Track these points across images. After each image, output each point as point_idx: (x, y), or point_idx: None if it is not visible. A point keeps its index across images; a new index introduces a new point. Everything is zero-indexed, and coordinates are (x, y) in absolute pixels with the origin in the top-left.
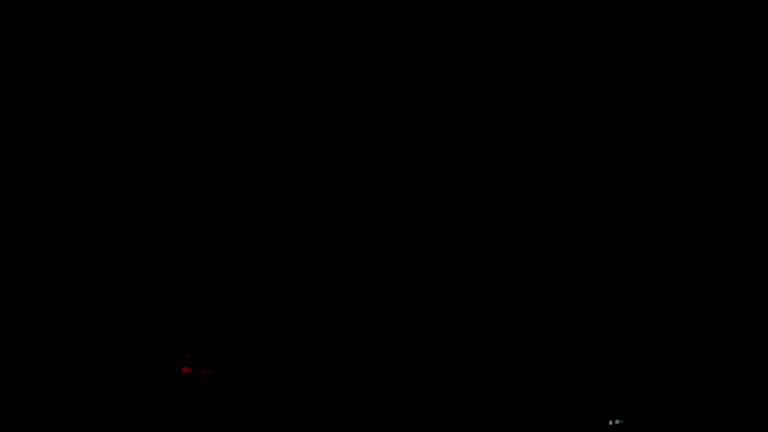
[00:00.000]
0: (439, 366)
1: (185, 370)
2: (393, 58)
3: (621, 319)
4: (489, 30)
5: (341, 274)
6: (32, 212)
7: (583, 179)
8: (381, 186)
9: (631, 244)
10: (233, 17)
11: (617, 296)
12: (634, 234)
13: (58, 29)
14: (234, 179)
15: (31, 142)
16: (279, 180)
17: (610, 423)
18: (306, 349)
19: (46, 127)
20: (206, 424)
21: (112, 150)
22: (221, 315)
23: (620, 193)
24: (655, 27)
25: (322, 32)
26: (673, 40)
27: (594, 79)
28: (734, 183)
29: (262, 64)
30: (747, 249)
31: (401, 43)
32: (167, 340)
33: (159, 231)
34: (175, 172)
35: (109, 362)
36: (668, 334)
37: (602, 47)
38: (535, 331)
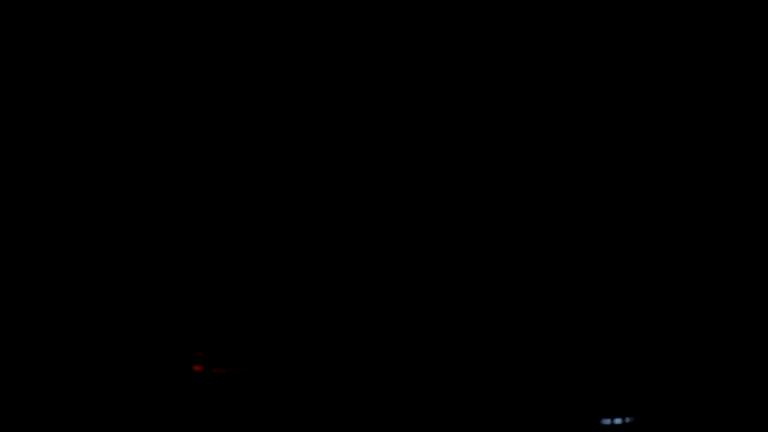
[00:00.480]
0: (449, 364)
1: (196, 368)
2: (393, 58)
3: (632, 318)
4: (489, 30)
5: (350, 274)
6: (44, 210)
7: (595, 179)
8: (389, 187)
9: (642, 244)
10: (233, 17)
11: (628, 295)
12: (645, 234)
13: (58, 29)
14: (247, 180)
15: (33, 143)
16: (291, 183)
17: (621, 420)
18: (316, 348)
19: (46, 127)
20: (217, 421)
21: (122, 150)
22: (233, 314)
23: (633, 195)
24: (655, 27)
25: (322, 32)
26: (673, 40)
27: (598, 76)
28: (748, 184)
29: (262, 65)
30: (759, 248)
31: (401, 44)
32: (179, 339)
33: (172, 230)
34: (187, 172)
35: (121, 360)
36: (679, 333)
37: (602, 47)
38: (546, 329)
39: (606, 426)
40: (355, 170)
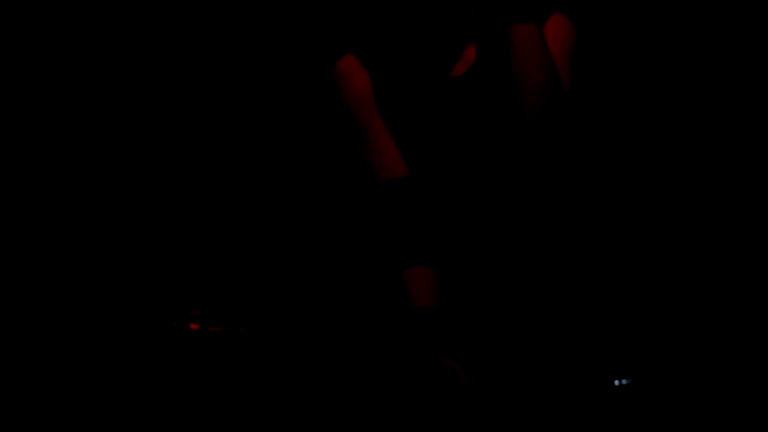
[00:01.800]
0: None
1: (193, 326)
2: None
3: (629, 280)
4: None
5: (349, 234)
6: (40, 167)
7: (588, 140)
8: None
9: (640, 204)
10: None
11: (625, 256)
12: (643, 194)
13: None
14: (243, 139)
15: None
16: (286, 142)
17: (617, 383)
18: (315, 308)
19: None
20: (214, 380)
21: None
22: (230, 272)
23: (628, 156)
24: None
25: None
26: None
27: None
28: (740, 149)
29: (262, 64)
30: (757, 212)
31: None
32: (175, 297)
33: (167, 188)
34: (183, 134)
35: (117, 318)
36: (677, 295)
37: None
38: (541, 290)
39: (602, 388)
40: None
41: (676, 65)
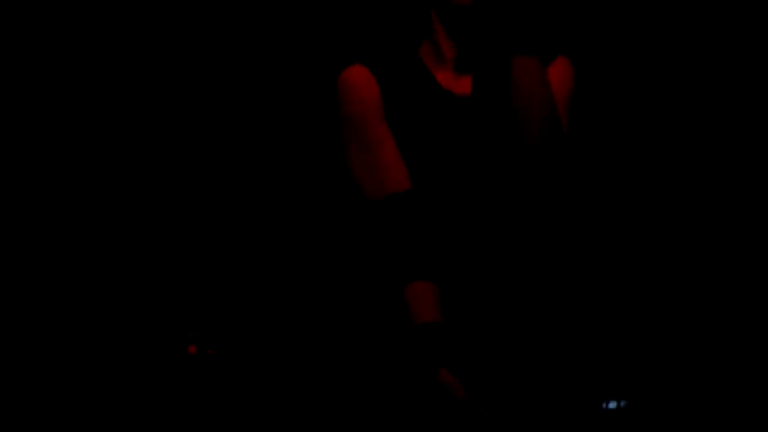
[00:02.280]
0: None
1: (191, 349)
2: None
3: (627, 301)
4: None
5: (348, 248)
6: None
7: (583, 168)
8: None
9: (639, 225)
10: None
11: (623, 277)
12: (641, 215)
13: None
14: (238, 159)
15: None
16: (281, 168)
17: (614, 404)
18: (313, 330)
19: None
20: (212, 403)
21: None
22: (229, 294)
23: (624, 178)
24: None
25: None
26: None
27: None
28: (744, 165)
29: (262, 72)
30: (756, 231)
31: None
32: (173, 320)
33: (165, 208)
34: (182, 148)
35: (114, 341)
36: (676, 316)
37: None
38: (538, 313)
39: (600, 409)
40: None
41: (672, 95)
